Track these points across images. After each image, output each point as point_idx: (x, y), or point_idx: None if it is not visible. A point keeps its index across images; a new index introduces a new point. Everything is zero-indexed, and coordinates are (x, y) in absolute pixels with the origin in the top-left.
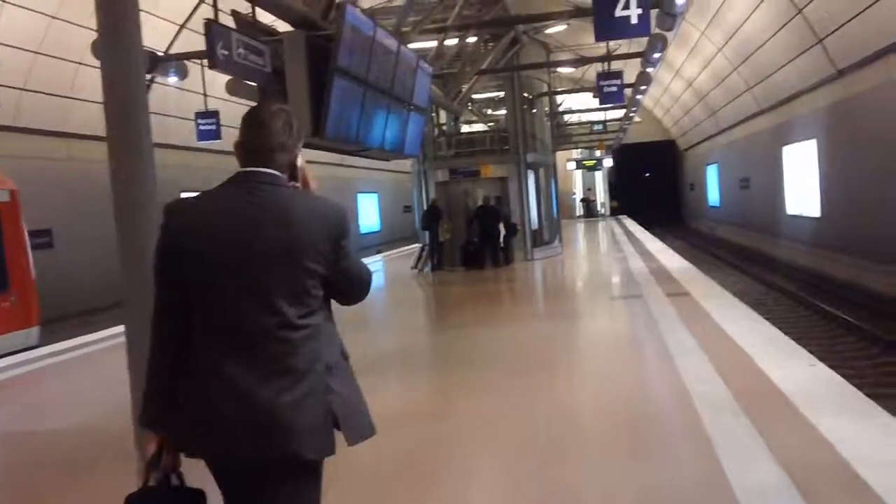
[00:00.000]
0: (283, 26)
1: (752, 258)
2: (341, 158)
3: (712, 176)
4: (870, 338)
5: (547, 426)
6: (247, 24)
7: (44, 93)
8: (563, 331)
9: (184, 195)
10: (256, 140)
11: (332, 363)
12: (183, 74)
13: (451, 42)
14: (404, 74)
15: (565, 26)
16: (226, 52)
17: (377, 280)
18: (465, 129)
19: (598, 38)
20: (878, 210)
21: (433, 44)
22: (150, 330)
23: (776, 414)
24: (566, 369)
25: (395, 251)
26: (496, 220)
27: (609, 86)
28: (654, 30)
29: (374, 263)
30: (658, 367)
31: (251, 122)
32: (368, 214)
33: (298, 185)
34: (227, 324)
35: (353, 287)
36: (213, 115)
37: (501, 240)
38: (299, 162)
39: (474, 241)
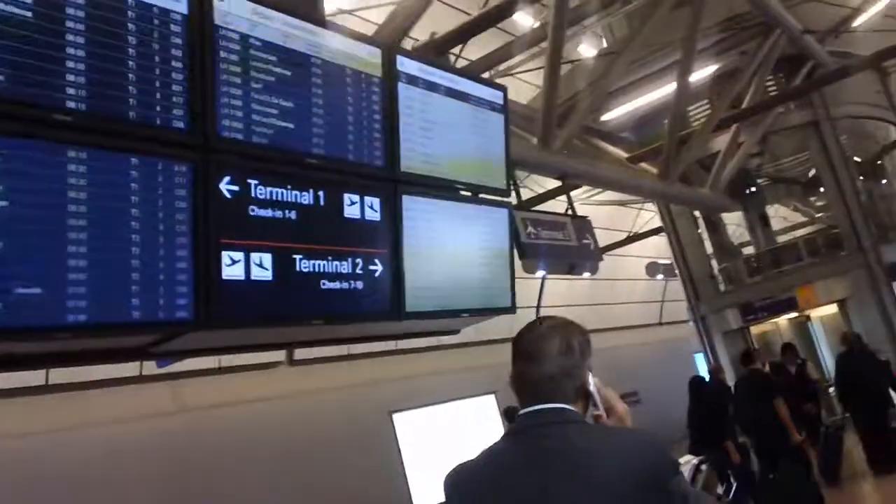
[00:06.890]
0: None
1: None
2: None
3: None
4: None
5: None
6: None
7: None
8: None
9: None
10: (528, 372)
11: None
12: None
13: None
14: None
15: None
16: None
17: None
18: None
19: None
20: None
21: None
22: None
23: None
24: None
25: None
26: (887, 380)
27: None
28: None
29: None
30: None
31: (519, 349)
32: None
33: (600, 412)
34: None
35: None
36: None
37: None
38: (591, 384)
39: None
